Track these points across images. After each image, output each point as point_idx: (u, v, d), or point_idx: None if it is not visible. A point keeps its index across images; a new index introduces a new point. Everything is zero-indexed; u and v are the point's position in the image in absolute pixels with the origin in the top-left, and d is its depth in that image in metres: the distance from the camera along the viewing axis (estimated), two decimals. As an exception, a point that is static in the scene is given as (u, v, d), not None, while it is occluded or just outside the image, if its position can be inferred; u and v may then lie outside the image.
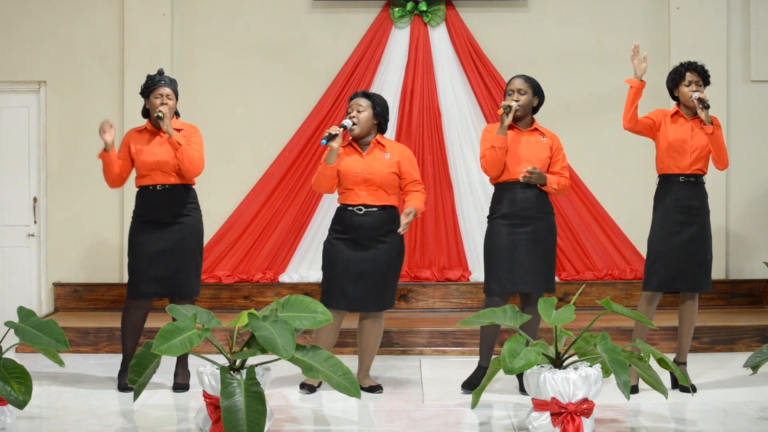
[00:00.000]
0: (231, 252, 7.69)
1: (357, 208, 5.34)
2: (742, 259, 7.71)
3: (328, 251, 5.39)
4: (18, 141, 7.74)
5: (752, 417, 4.82)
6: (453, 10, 7.75)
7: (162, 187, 5.43)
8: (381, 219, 5.34)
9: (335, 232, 5.41)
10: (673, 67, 5.52)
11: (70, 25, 7.73)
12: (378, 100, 5.45)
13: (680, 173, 5.36)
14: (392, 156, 5.40)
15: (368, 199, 5.34)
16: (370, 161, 5.36)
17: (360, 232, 5.33)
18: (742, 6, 7.72)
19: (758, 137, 7.75)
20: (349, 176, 5.34)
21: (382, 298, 5.37)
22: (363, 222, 5.33)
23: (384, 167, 5.35)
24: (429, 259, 7.67)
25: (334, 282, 5.33)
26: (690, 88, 5.34)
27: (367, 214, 5.34)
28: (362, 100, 5.42)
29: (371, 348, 5.49)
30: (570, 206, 7.68)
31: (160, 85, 5.44)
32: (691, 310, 5.43)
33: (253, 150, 7.76)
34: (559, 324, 4.36)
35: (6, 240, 7.73)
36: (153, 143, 5.44)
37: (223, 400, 4.04)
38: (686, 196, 5.35)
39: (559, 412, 4.28)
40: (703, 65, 5.44)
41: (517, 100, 5.33)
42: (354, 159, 5.37)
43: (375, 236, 5.33)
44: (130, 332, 5.49)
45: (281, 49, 7.79)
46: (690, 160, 5.34)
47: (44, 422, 4.82)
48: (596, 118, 7.75)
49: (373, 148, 5.41)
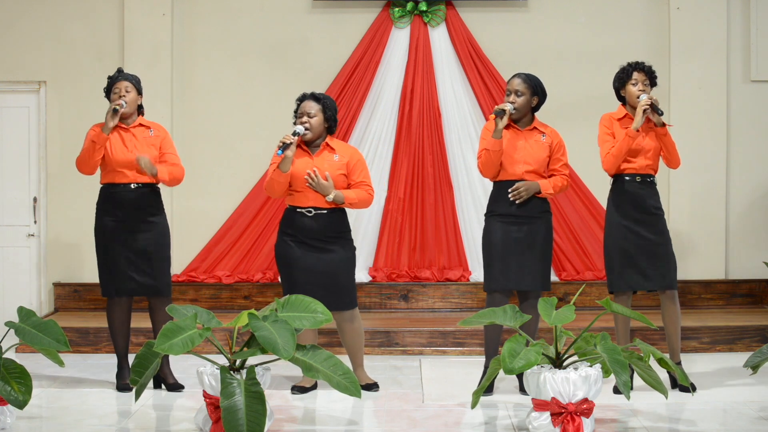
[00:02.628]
0: (231, 252, 7.69)
1: (306, 210, 5.35)
2: (742, 259, 7.71)
3: (282, 254, 5.39)
4: (18, 141, 7.74)
5: (752, 417, 4.82)
6: (453, 10, 7.75)
7: (135, 186, 5.43)
8: (330, 221, 5.36)
9: (285, 234, 5.40)
10: (620, 67, 5.49)
11: (70, 25, 7.73)
12: (328, 103, 5.46)
13: (635, 173, 5.36)
14: (341, 158, 5.41)
15: (317, 202, 5.34)
16: (319, 163, 5.36)
17: (309, 234, 5.33)
18: (742, 6, 7.72)
19: (758, 137, 7.75)
20: (299, 178, 5.33)
21: (343, 298, 5.38)
22: (312, 224, 5.33)
23: (333, 169, 5.36)
24: (429, 259, 7.67)
25: (293, 284, 5.31)
26: (637, 88, 5.34)
27: (317, 216, 5.34)
28: (312, 104, 5.42)
29: (357, 346, 5.50)
30: (570, 206, 7.68)
31: (117, 81, 5.45)
32: (671, 310, 5.41)
33: (253, 150, 7.76)
34: (559, 324, 4.36)
35: (6, 240, 7.73)
36: (125, 140, 5.44)
37: (223, 400, 4.04)
38: (642, 196, 5.36)
39: (559, 412, 4.28)
40: (651, 66, 5.44)
41: (513, 102, 5.31)
42: (303, 161, 5.37)
43: (325, 238, 5.34)
44: (119, 332, 5.51)
45: (281, 49, 7.79)
46: (644, 162, 5.36)
47: (44, 422, 4.82)
48: (596, 118, 7.62)
49: (323, 150, 5.42)
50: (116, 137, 5.43)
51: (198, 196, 7.66)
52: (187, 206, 7.67)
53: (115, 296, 5.48)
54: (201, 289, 7.54)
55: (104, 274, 5.51)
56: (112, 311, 5.51)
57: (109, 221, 5.47)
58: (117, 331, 5.51)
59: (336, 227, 5.38)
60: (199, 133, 7.75)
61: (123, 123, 5.47)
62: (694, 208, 7.64)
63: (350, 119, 7.68)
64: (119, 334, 5.51)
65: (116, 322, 5.51)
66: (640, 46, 7.68)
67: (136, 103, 5.48)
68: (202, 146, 7.73)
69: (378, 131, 7.73)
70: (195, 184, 7.53)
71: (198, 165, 7.56)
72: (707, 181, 7.63)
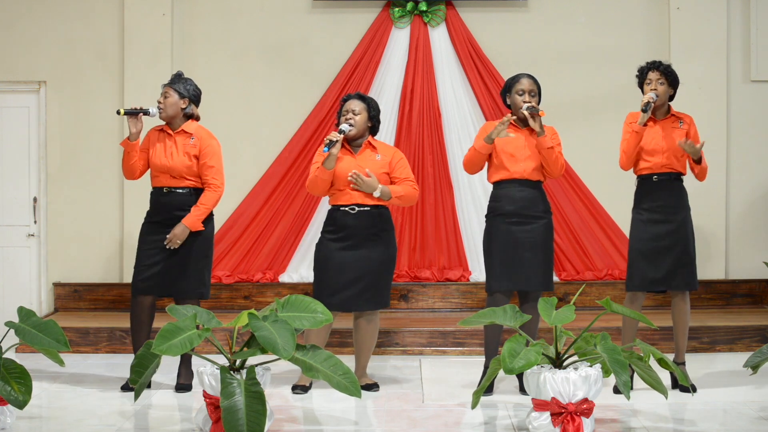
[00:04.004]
0: (231, 252, 7.69)
1: (350, 208, 5.36)
2: (742, 259, 7.71)
3: (321, 252, 5.41)
4: (18, 141, 7.74)
5: (752, 417, 4.82)
6: (453, 10, 7.75)
7: (168, 190, 5.43)
8: (373, 218, 5.36)
9: (328, 233, 5.42)
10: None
11: (70, 25, 7.73)
12: (372, 104, 5.51)
13: (652, 173, 5.39)
14: (383, 157, 5.44)
15: (361, 199, 5.35)
16: (362, 161, 5.39)
17: (353, 231, 5.34)
18: (742, 6, 7.72)
19: (758, 137, 7.75)
20: (341, 177, 5.35)
21: (376, 297, 5.38)
22: (356, 222, 5.35)
23: (376, 167, 5.38)
24: (429, 259, 7.67)
25: (326, 282, 5.33)
26: (650, 87, 5.35)
27: (360, 213, 5.35)
28: (357, 103, 5.46)
29: (367, 347, 5.51)
30: (570, 206, 7.68)
31: (164, 84, 5.47)
32: (682, 309, 5.42)
33: (253, 150, 7.76)
34: (559, 324, 4.36)
35: (6, 240, 7.73)
36: (167, 146, 5.43)
37: (223, 400, 4.04)
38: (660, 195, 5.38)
39: (559, 412, 4.28)
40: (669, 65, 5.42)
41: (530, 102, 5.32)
42: (346, 159, 5.39)
43: (368, 235, 5.35)
44: (136, 331, 5.46)
45: (281, 49, 7.80)
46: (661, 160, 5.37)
47: (44, 422, 4.82)
48: (596, 118, 7.75)
49: (365, 148, 5.45)
50: (162, 143, 5.44)
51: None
52: (187, 206, 7.66)
53: (136, 295, 5.44)
54: (202, 289, 7.52)
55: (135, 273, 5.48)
56: (132, 309, 5.46)
57: (146, 223, 5.50)
58: (135, 329, 5.44)
59: (380, 224, 5.38)
60: (199, 133, 7.75)
61: (169, 128, 5.47)
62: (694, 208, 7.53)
63: (350, 119, 7.68)
64: (137, 333, 5.43)
65: (136, 320, 5.44)
66: (640, 46, 7.68)
67: (176, 107, 5.43)
68: (202, 146, 7.73)
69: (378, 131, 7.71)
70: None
71: (198, 165, 7.56)
72: (707, 181, 7.53)
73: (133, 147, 5.40)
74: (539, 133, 5.26)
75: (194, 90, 5.50)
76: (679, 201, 5.43)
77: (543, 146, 5.28)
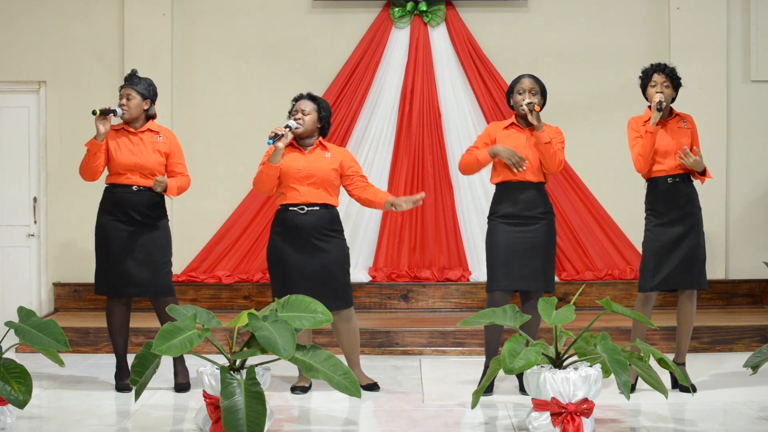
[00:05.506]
0: (231, 252, 7.69)
1: (299, 208, 5.32)
2: (742, 259, 7.71)
3: (275, 255, 5.35)
4: (18, 141, 7.74)
5: (752, 417, 4.82)
6: (453, 10, 7.75)
7: (138, 189, 5.45)
8: (323, 218, 5.33)
9: (277, 234, 5.37)
10: (642, 69, 5.47)
11: (70, 25, 7.73)
12: (323, 105, 5.49)
13: (666, 175, 5.38)
14: (333, 155, 5.42)
15: (310, 197, 5.32)
16: (312, 159, 5.37)
17: (302, 232, 5.30)
18: (742, 6, 7.72)
19: (758, 137, 7.75)
20: (290, 174, 5.32)
21: (339, 298, 5.34)
22: (305, 222, 5.30)
23: (326, 164, 5.36)
24: (429, 259, 7.66)
25: (287, 285, 5.27)
26: (655, 89, 5.34)
27: (309, 213, 5.32)
28: (308, 103, 5.45)
29: (352, 345, 5.49)
30: (570, 206, 7.68)
31: (122, 87, 5.50)
32: (688, 309, 5.42)
33: (253, 150, 7.74)
34: (559, 324, 4.36)
35: (6, 240, 7.73)
36: (132, 143, 5.46)
37: (223, 400, 4.04)
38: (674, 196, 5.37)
39: (559, 412, 4.28)
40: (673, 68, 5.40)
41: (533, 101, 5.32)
42: (295, 157, 5.37)
43: (318, 236, 5.31)
44: (119, 333, 5.53)
45: (281, 49, 7.79)
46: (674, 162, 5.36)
47: (44, 422, 4.82)
48: (596, 118, 7.75)
49: (315, 147, 5.43)
50: (123, 141, 5.46)
51: (198, 196, 7.65)
52: (187, 206, 7.66)
53: (112, 295, 5.49)
54: (201, 289, 7.54)
55: (100, 273, 5.54)
56: (111, 312, 5.53)
57: (109, 220, 5.49)
58: (116, 331, 5.53)
59: (329, 224, 5.36)
60: (199, 133, 7.76)
61: (131, 127, 5.49)
62: (694, 208, 7.63)
63: (350, 119, 7.68)
64: (120, 335, 5.53)
65: (116, 322, 5.53)
66: (640, 46, 7.68)
67: (139, 108, 5.48)
68: (202, 146, 7.73)
69: (378, 131, 7.73)
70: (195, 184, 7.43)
71: (198, 165, 7.54)
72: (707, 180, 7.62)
73: (99, 147, 5.41)
74: (537, 126, 5.26)
75: (154, 89, 5.57)
76: (693, 202, 5.43)
77: (541, 140, 5.29)
